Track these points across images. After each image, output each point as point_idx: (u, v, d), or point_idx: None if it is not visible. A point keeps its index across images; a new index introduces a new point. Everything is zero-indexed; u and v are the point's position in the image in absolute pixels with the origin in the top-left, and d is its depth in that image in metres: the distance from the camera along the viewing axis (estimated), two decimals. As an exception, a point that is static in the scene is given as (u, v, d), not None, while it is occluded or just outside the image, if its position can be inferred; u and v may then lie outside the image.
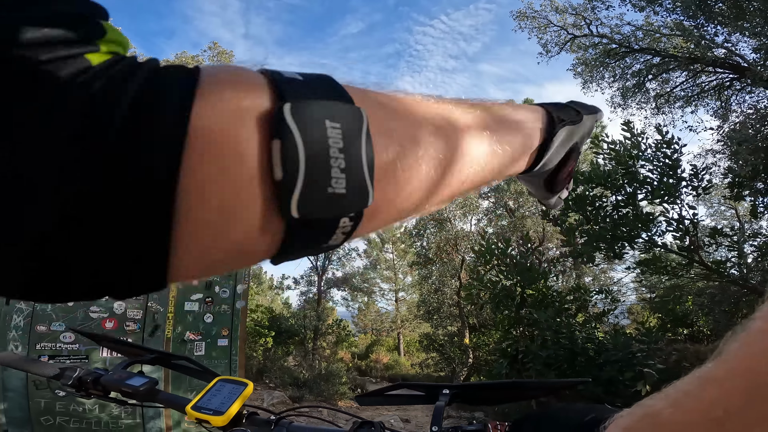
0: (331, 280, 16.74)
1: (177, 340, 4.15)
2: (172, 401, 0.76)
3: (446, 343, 11.71)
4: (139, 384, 0.78)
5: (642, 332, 4.54)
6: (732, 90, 8.36)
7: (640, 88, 9.50)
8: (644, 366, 4.12)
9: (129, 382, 0.78)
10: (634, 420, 0.31)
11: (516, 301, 5.34)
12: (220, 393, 0.72)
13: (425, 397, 0.74)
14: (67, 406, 3.40)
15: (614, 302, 5.58)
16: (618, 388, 4.17)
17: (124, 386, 0.78)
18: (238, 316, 4.64)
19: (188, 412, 0.69)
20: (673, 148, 4.84)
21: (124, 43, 0.20)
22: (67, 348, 3.48)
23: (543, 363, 4.67)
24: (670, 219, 4.85)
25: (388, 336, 19.30)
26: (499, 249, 5.51)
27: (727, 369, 0.21)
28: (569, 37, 10.17)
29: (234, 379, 0.75)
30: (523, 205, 13.74)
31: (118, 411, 3.65)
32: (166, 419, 3.89)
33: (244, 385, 0.74)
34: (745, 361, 0.20)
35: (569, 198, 5.25)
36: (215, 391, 0.72)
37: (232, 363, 4.47)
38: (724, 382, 0.21)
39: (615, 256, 5.09)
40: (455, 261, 13.11)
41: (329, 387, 8.42)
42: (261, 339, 10.84)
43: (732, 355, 0.21)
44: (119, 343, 0.98)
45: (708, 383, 0.22)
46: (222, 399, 0.70)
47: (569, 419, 0.50)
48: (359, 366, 14.55)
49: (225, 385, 0.74)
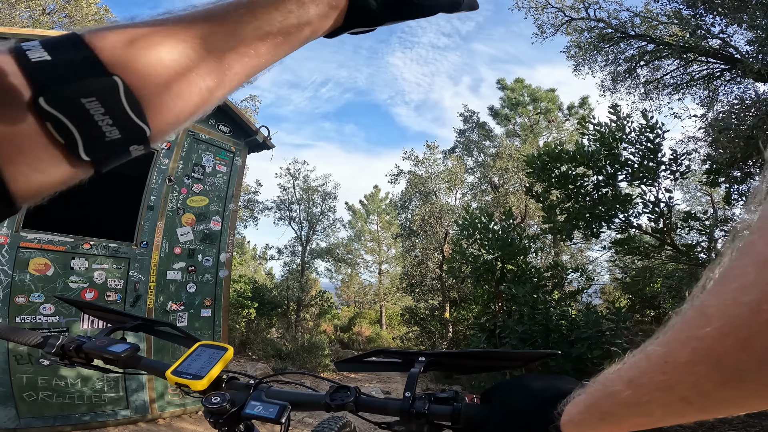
0: (315, 250, 16.77)
1: (159, 311, 4.10)
2: (153, 367, 0.78)
3: (427, 317, 11.95)
4: (120, 350, 0.79)
5: (612, 311, 4.71)
6: (721, 80, 8.43)
7: (631, 73, 9.51)
8: (612, 345, 4.30)
9: (111, 348, 0.79)
10: (592, 401, 0.34)
11: (496, 276, 5.46)
12: (200, 358, 0.73)
13: (401, 364, 0.75)
14: (49, 381, 3.33)
15: (589, 281, 5.75)
16: (586, 365, 4.35)
17: (106, 353, 0.79)
18: (222, 285, 4.62)
19: (168, 377, 0.70)
20: (656, 133, 4.91)
21: None
22: (47, 320, 3.40)
23: (518, 338, 4.82)
24: (647, 201, 4.98)
25: (370, 308, 19.58)
26: (482, 223, 5.58)
27: (690, 352, 0.22)
28: (566, 19, 10.03)
29: (214, 344, 0.76)
30: (508, 182, 13.86)
31: (101, 384, 3.62)
32: (150, 392, 3.88)
33: (224, 350, 0.75)
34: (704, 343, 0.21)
35: (553, 176, 5.32)
36: (195, 356, 0.74)
37: (215, 334, 4.48)
38: (690, 365, 0.22)
39: (592, 234, 5.22)
40: (439, 234, 13.24)
41: (312, 359, 8.56)
42: (244, 310, 10.87)
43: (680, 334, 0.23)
44: (102, 310, 0.98)
45: (669, 365, 0.24)
46: (202, 364, 0.71)
47: (536, 389, 0.52)
48: (341, 338, 14.78)
49: (205, 350, 0.75)
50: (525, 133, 15.95)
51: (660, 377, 0.24)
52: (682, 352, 0.23)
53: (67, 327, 3.51)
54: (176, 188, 4.34)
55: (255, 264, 20.92)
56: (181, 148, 4.39)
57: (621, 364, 0.30)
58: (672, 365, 0.24)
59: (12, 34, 3.44)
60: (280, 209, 15.04)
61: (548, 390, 0.50)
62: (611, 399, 0.30)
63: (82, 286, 3.63)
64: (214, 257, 4.60)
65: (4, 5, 10.32)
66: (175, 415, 4.08)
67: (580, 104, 16.43)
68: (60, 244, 3.56)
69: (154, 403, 3.91)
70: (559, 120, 16.27)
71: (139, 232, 4.06)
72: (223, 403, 0.66)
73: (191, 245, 4.42)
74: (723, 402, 0.22)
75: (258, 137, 4.98)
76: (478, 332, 5.56)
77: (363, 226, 21.34)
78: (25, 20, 10.78)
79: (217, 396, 0.67)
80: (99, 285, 3.74)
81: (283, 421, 0.66)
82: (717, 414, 0.24)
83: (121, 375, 3.65)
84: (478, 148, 15.87)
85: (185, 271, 4.35)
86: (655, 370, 0.25)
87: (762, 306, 0.18)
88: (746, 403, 0.21)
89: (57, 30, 10.27)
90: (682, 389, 0.23)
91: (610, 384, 0.31)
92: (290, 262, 15.73)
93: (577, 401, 0.37)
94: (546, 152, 5.35)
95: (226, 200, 4.75)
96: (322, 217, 15.34)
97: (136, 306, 3.94)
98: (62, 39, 0.29)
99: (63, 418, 3.36)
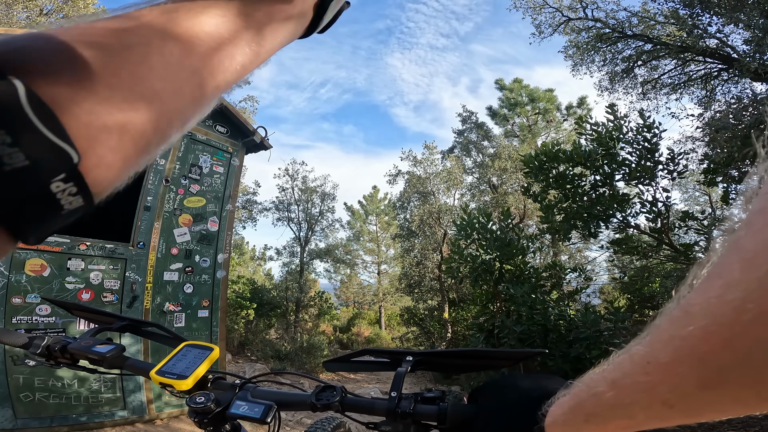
0: (314, 251, 16.76)
1: (156, 312, 4.09)
2: (137, 367, 0.77)
3: (426, 317, 11.95)
4: (105, 351, 0.78)
5: (610, 311, 4.71)
6: (719, 80, 8.45)
7: (629, 73, 9.53)
8: (610, 345, 4.30)
9: (95, 349, 0.79)
10: (576, 402, 0.33)
11: (494, 276, 5.46)
12: (185, 358, 0.72)
13: (389, 364, 0.75)
14: (46, 381, 3.32)
15: (587, 281, 5.75)
16: (585, 365, 4.34)
17: (91, 353, 0.78)
18: (219, 286, 4.61)
19: (152, 377, 0.70)
20: (653, 133, 4.92)
21: None
22: (43, 321, 3.38)
23: (517, 338, 4.82)
24: (645, 201, 4.98)
25: (369, 309, 19.58)
26: (480, 223, 5.59)
27: (672, 351, 0.22)
28: (564, 19, 10.06)
29: (200, 344, 0.76)
30: (506, 182, 13.88)
31: (98, 385, 3.61)
32: (147, 392, 3.86)
33: (209, 350, 0.74)
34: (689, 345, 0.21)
35: (550, 176, 5.32)
36: (181, 356, 0.73)
37: (212, 335, 4.46)
38: (671, 365, 0.22)
39: (590, 234, 5.23)
40: (437, 235, 13.25)
41: (311, 359, 8.56)
42: (243, 311, 10.86)
43: (667, 336, 0.22)
44: (89, 311, 0.98)
45: (651, 366, 0.23)
46: (187, 364, 0.71)
47: (523, 389, 0.51)
48: (341, 339, 14.79)
49: (191, 350, 0.75)
50: (523, 133, 15.97)
51: (642, 378, 0.24)
52: (665, 352, 0.22)
53: (64, 328, 3.49)
54: (173, 189, 4.33)
55: (254, 265, 20.92)
56: (177, 149, 4.38)
57: (606, 365, 0.30)
58: (654, 365, 0.23)
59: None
60: (278, 210, 15.04)
61: (535, 390, 0.50)
62: (595, 400, 0.30)
63: (78, 287, 3.62)
64: (211, 258, 4.59)
65: (1, 6, 10.31)
66: (172, 416, 4.06)
67: (578, 104, 16.47)
68: (56, 244, 3.55)
69: (152, 404, 3.89)
70: (558, 120, 16.30)
71: (136, 233, 4.05)
72: (207, 403, 0.65)
73: (188, 246, 4.41)
74: (705, 405, 0.21)
75: (255, 137, 4.97)
76: (477, 332, 5.55)
77: (362, 226, 21.37)
78: (23, 21, 10.78)
79: (202, 396, 0.66)
80: (95, 286, 3.72)
81: (269, 420, 0.65)
82: (699, 418, 0.23)
83: (118, 376, 3.63)
84: (477, 148, 15.88)
85: (182, 271, 4.34)
86: (637, 371, 0.24)
87: (747, 305, 0.18)
88: (728, 407, 0.21)
89: (55, 31, 10.22)
90: (664, 391, 0.23)
91: (594, 385, 0.30)
92: (289, 262, 15.72)
93: (561, 402, 0.37)
94: (543, 152, 5.35)
95: (223, 201, 4.74)
96: (321, 218, 15.34)
97: (133, 307, 3.93)
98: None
99: (60, 419, 3.35)
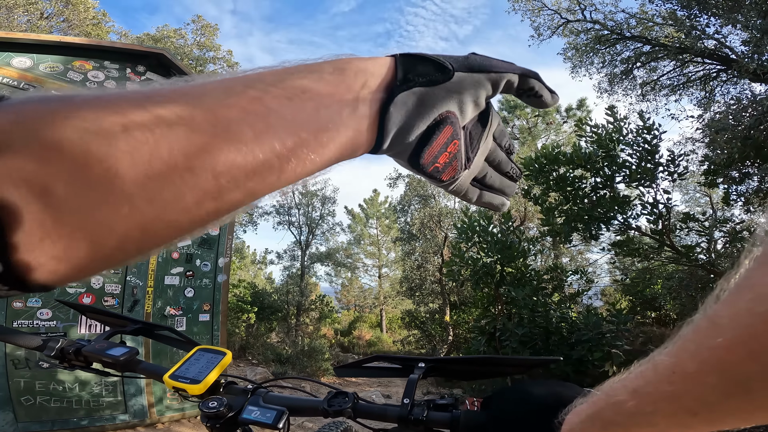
0: (315, 254, 16.76)
1: (157, 316, 4.09)
2: (151, 371, 0.78)
3: (427, 321, 11.93)
4: (119, 354, 0.79)
5: (612, 313, 4.70)
6: (718, 81, 8.48)
7: (628, 75, 9.56)
8: (612, 347, 4.29)
9: (110, 352, 0.79)
10: (594, 410, 0.34)
11: (495, 279, 5.46)
12: (198, 362, 0.73)
13: (401, 370, 0.75)
14: (47, 385, 3.32)
15: (589, 283, 5.75)
16: (587, 367, 4.34)
17: (105, 356, 0.78)
18: (220, 290, 4.61)
19: (165, 381, 0.70)
20: (653, 134, 4.93)
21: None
22: (44, 325, 3.39)
23: (518, 341, 4.81)
24: (645, 203, 4.99)
25: (370, 312, 19.54)
26: (481, 226, 5.59)
27: (699, 362, 0.22)
28: (562, 21, 10.10)
29: (213, 348, 0.76)
30: (507, 186, 13.88)
31: (99, 389, 3.60)
32: (148, 396, 3.87)
33: (222, 354, 0.75)
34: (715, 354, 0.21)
35: (551, 178, 5.33)
36: (194, 360, 0.73)
37: (213, 338, 4.46)
38: (698, 375, 0.22)
39: (591, 236, 5.23)
40: (438, 238, 13.24)
41: (312, 363, 8.53)
42: (244, 315, 10.84)
43: (693, 345, 0.23)
44: (102, 314, 0.98)
45: (677, 375, 0.24)
46: (200, 368, 0.71)
47: (537, 396, 0.51)
48: (342, 342, 14.74)
49: (204, 354, 0.75)
50: (523, 135, 15.99)
51: (666, 387, 0.24)
52: (691, 363, 0.22)
53: (65, 332, 3.49)
54: (175, 193, 4.33)
55: (255, 268, 20.87)
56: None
57: (626, 374, 0.30)
58: (680, 375, 0.23)
59: (10, 39, 3.45)
60: (279, 214, 15.05)
61: (549, 397, 0.50)
62: (615, 408, 0.30)
63: (79, 291, 3.62)
64: (212, 262, 4.59)
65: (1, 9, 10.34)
66: (173, 420, 4.06)
67: (577, 106, 16.49)
68: (58, 249, 3.54)
69: (153, 408, 3.89)
70: (557, 122, 16.33)
71: (138, 237, 4.04)
72: (220, 408, 0.66)
73: (189, 250, 4.41)
74: (728, 413, 0.22)
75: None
76: (478, 335, 5.55)
77: (362, 230, 21.33)
78: (23, 24, 10.81)
79: (215, 400, 0.67)
80: (96, 290, 3.72)
81: (280, 426, 0.65)
82: (721, 426, 0.23)
83: (119, 379, 3.63)
84: (477, 150, 15.87)
85: (183, 276, 4.34)
86: (661, 380, 0.25)
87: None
88: (752, 415, 0.21)
89: (55, 34, 10.29)
90: (689, 400, 0.23)
91: (614, 393, 0.30)
92: (290, 266, 15.71)
93: (579, 410, 0.37)
94: (543, 154, 5.36)
95: (224, 204, 4.73)
96: (322, 222, 15.35)
97: (134, 311, 3.93)
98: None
99: (61, 423, 3.34)
